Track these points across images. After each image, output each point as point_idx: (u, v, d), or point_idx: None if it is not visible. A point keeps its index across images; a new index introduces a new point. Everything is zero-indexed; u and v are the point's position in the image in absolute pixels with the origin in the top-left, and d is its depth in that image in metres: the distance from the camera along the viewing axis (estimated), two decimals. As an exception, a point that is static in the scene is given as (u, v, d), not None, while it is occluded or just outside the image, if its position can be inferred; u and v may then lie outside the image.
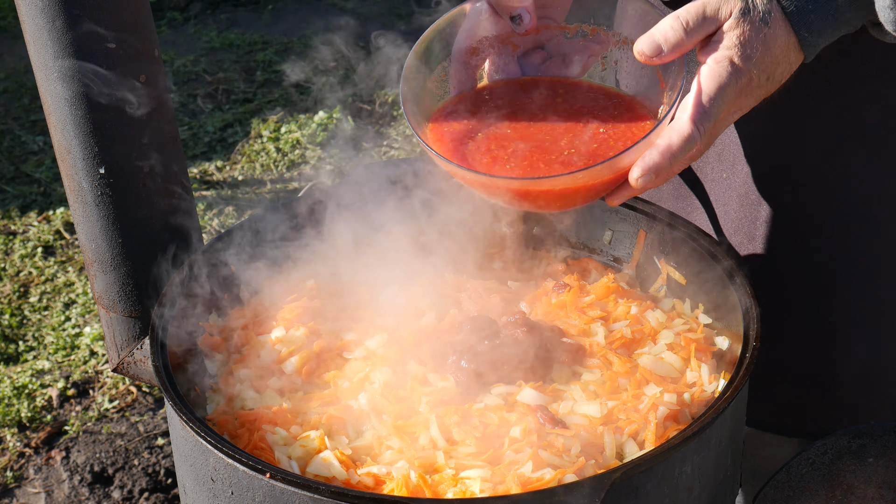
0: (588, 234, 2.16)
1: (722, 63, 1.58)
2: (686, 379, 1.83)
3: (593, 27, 1.84)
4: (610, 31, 1.84)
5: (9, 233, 4.76)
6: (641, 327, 1.93)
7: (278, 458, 1.69)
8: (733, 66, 1.58)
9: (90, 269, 2.02)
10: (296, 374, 1.86)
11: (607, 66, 1.86)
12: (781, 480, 1.81)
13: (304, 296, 2.00)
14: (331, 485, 1.58)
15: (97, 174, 1.91)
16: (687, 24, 1.57)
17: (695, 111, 1.58)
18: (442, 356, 1.85)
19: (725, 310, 1.90)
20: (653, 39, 1.59)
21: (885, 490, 1.79)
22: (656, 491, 1.59)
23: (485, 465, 1.65)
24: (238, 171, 5.17)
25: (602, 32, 1.83)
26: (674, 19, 1.58)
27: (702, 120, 1.58)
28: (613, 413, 1.75)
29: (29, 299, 4.37)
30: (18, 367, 4.02)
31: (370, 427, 1.75)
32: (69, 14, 1.80)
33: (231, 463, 1.59)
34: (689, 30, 1.58)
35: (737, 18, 1.58)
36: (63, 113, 1.88)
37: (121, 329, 2.05)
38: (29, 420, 3.79)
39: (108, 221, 1.95)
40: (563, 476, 1.61)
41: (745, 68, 1.59)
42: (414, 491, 1.60)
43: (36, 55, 1.86)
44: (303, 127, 5.39)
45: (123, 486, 3.55)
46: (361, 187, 2.12)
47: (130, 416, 3.83)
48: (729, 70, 1.58)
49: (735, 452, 1.79)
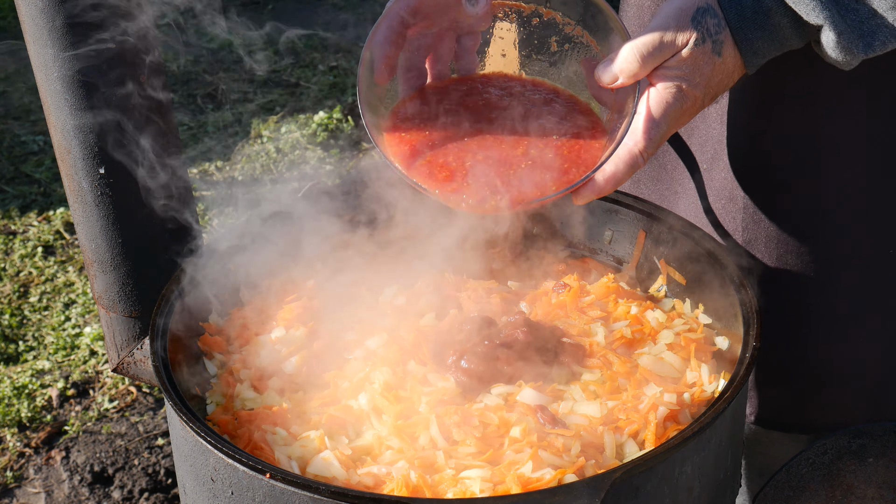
0: (588, 234, 2.16)
1: (670, 89, 1.67)
2: (686, 379, 1.83)
3: (548, 10, 1.82)
4: (566, 18, 1.82)
5: (9, 233, 4.76)
6: (641, 327, 1.93)
7: (278, 458, 1.69)
8: (680, 92, 1.68)
9: (90, 269, 2.02)
10: (296, 374, 1.86)
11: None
12: (781, 480, 1.81)
13: (304, 296, 2.00)
14: (331, 485, 1.58)
15: (97, 174, 1.91)
16: (642, 55, 1.65)
17: (642, 138, 1.68)
18: (442, 356, 1.85)
19: (725, 310, 1.90)
20: (611, 70, 1.68)
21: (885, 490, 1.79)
22: (656, 491, 1.59)
23: (485, 465, 1.65)
24: (238, 171, 5.17)
25: (557, 18, 1.82)
26: (631, 49, 1.66)
27: (647, 147, 1.68)
28: (613, 413, 1.75)
29: (29, 299, 4.37)
30: (18, 367, 4.02)
31: (370, 427, 1.75)
32: (69, 14, 1.80)
33: (231, 463, 1.59)
34: (645, 59, 1.65)
35: (690, 49, 1.66)
36: (63, 113, 1.88)
37: (121, 329, 2.05)
38: (29, 420, 3.79)
39: (108, 221, 1.95)
40: (563, 476, 1.61)
41: (691, 94, 1.68)
42: (414, 491, 1.60)
43: (36, 55, 1.86)
44: (303, 127, 5.39)
45: (123, 486, 3.55)
46: (361, 187, 2.13)
47: (130, 416, 3.83)
48: (676, 96, 1.68)
49: (735, 452, 1.79)
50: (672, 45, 1.66)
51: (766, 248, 1.99)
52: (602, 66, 1.69)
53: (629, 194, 2.12)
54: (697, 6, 1.66)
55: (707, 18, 1.66)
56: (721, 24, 1.66)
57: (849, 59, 1.65)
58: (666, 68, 1.67)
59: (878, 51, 1.64)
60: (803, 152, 1.91)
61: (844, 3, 1.62)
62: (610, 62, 1.68)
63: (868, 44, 1.63)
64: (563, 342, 1.88)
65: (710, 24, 1.66)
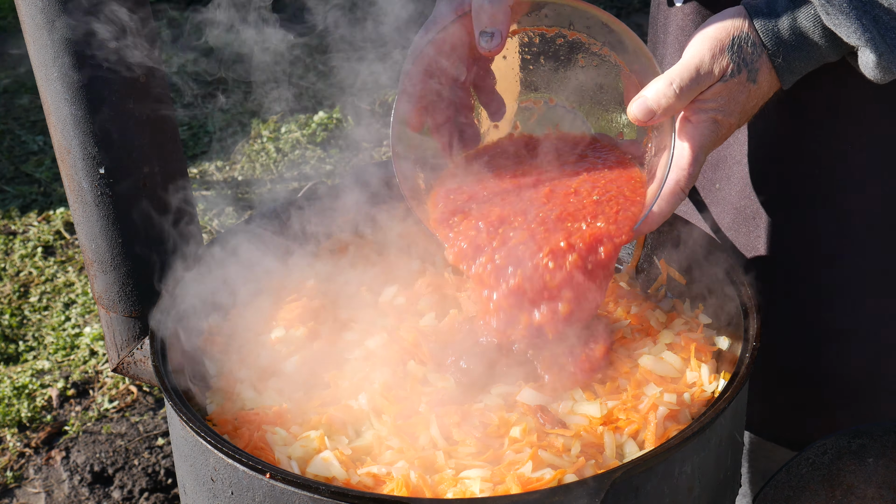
0: (588, 234, 2.16)
1: (706, 122, 1.65)
2: (686, 379, 1.83)
3: (572, 31, 1.80)
4: (591, 38, 1.79)
5: (9, 233, 4.76)
6: (641, 327, 1.93)
7: (278, 458, 1.69)
8: (715, 124, 1.66)
9: (90, 269, 2.02)
10: (296, 374, 1.86)
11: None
12: (781, 480, 1.81)
13: (304, 296, 2.00)
14: (331, 485, 1.58)
15: (97, 174, 1.91)
16: (680, 89, 1.63)
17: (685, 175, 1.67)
18: (442, 356, 1.85)
19: (725, 310, 1.90)
20: (646, 105, 1.65)
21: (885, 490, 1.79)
22: (656, 491, 1.59)
23: (485, 465, 1.65)
24: (238, 171, 5.17)
25: (582, 38, 1.80)
26: (667, 84, 1.63)
27: (689, 182, 1.67)
28: (613, 413, 1.75)
29: (29, 299, 4.37)
30: (18, 367, 4.02)
31: (370, 427, 1.75)
32: (69, 14, 1.80)
33: (231, 463, 1.59)
34: (681, 94, 1.63)
35: (725, 81, 1.63)
36: (63, 113, 1.88)
37: (121, 329, 2.05)
38: (29, 420, 3.79)
39: (108, 221, 1.95)
40: (563, 476, 1.61)
41: (725, 122, 1.66)
42: (414, 491, 1.60)
43: (36, 55, 1.86)
44: (303, 127, 5.39)
45: (123, 486, 3.55)
46: (361, 187, 2.13)
47: (130, 416, 3.83)
48: (711, 128, 1.66)
49: (735, 452, 1.79)
50: (709, 77, 1.63)
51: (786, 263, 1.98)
52: (636, 102, 1.65)
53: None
54: (733, 35, 1.63)
55: (744, 47, 1.63)
56: (758, 52, 1.63)
57: (886, 77, 1.63)
58: (701, 101, 1.65)
59: None
60: (826, 168, 1.90)
61: (885, 22, 1.59)
62: (644, 98, 1.65)
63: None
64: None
65: (747, 54, 1.63)
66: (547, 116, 1.91)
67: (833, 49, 1.64)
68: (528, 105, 1.90)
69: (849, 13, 1.57)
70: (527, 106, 1.90)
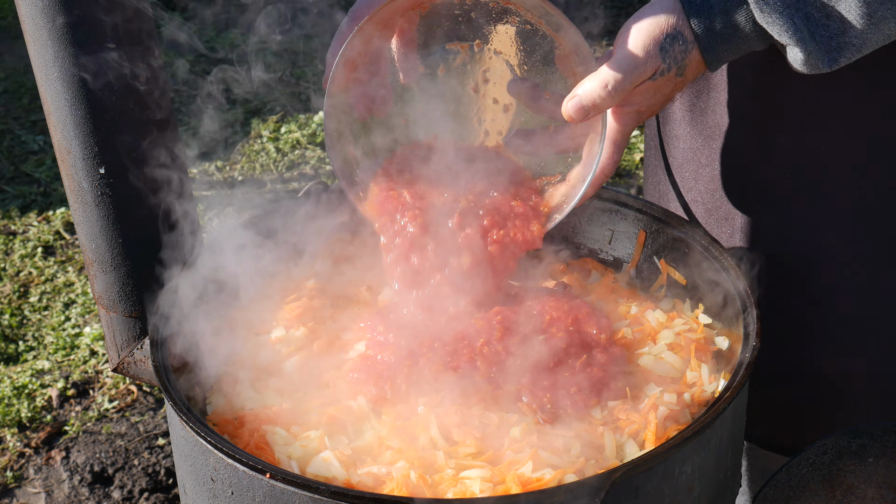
0: (588, 234, 2.16)
1: (630, 115, 1.75)
2: (686, 379, 1.83)
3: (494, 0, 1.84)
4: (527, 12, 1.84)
5: (9, 233, 4.76)
6: (641, 327, 1.93)
7: (278, 458, 1.69)
8: (639, 115, 1.75)
9: (90, 269, 2.02)
10: (296, 374, 1.86)
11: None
12: (781, 480, 1.81)
13: (304, 296, 2.00)
14: (331, 485, 1.58)
15: (97, 174, 1.91)
16: (614, 90, 1.69)
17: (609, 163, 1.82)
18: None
19: (725, 310, 1.90)
20: (580, 104, 1.72)
21: (885, 490, 1.79)
22: (656, 491, 1.59)
23: (485, 465, 1.65)
24: (238, 171, 5.18)
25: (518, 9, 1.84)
26: (601, 85, 1.69)
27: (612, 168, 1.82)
28: (613, 413, 1.75)
29: (29, 299, 4.37)
30: (18, 367, 4.02)
31: (370, 427, 1.75)
32: (69, 14, 1.80)
33: (231, 463, 1.59)
34: (614, 93, 1.69)
35: (655, 80, 1.69)
36: (63, 113, 1.88)
37: (121, 329, 2.05)
38: (29, 420, 3.79)
39: (108, 221, 1.95)
40: (563, 476, 1.61)
41: (647, 112, 1.75)
42: (414, 491, 1.60)
43: (36, 55, 1.86)
44: (303, 127, 5.39)
45: (123, 486, 3.55)
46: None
47: (130, 416, 3.83)
48: (635, 119, 1.76)
49: (735, 452, 1.79)
50: (641, 76, 1.68)
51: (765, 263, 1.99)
52: (570, 101, 1.72)
53: (630, 195, 2.12)
54: (666, 33, 1.66)
55: (675, 46, 1.66)
56: (688, 49, 1.67)
57: (813, 71, 1.66)
58: (630, 96, 1.71)
59: (842, 65, 1.64)
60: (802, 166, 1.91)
61: (815, 19, 1.61)
62: (578, 98, 1.71)
63: (833, 59, 1.63)
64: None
65: (678, 52, 1.67)
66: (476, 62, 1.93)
67: (762, 42, 1.67)
68: (453, 48, 1.92)
69: (782, 11, 1.60)
70: (452, 49, 1.92)
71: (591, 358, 1.80)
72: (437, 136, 1.94)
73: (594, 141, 1.82)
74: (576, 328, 1.84)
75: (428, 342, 1.81)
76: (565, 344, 1.81)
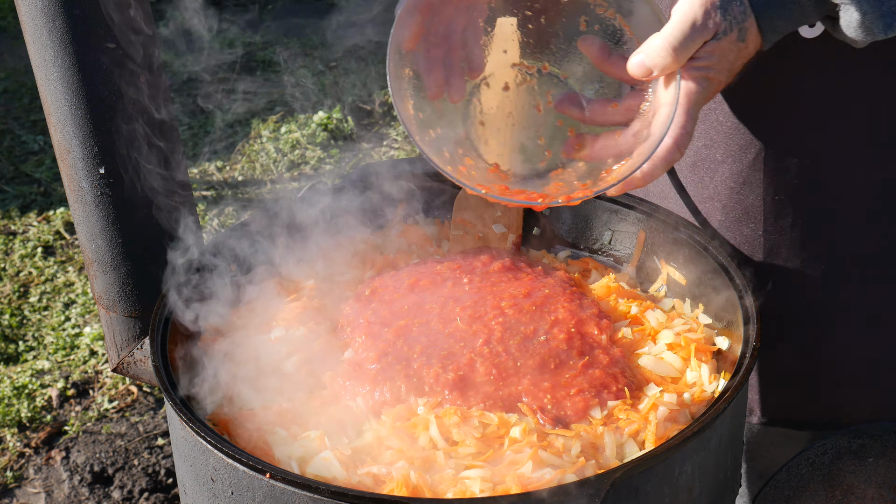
0: (588, 234, 2.16)
1: (698, 80, 1.68)
2: (686, 379, 1.83)
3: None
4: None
5: (9, 233, 4.76)
6: (641, 327, 1.93)
7: (278, 458, 1.69)
8: (707, 81, 1.69)
9: (90, 269, 2.02)
10: (296, 374, 1.86)
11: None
12: (781, 480, 1.81)
13: (304, 296, 2.00)
14: (331, 485, 1.58)
15: (97, 174, 1.91)
16: (675, 48, 1.65)
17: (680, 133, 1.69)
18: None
19: (725, 310, 1.90)
20: (643, 63, 1.69)
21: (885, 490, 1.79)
22: (656, 491, 1.59)
23: (485, 465, 1.65)
24: (238, 171, 5.18)
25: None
26: (663, 43, 1.66)
27: (685, 140, 1.70)
28: (613, 413, 1.75)
29: (29, 299, 4.37)
30: (18, 367, 4.02)
31: (370, 427, 1.75)
32: (69, 14, 1.80)
33: (231, 463, 1.59)
34: (678, 53, 1.66)
35: (718, 39, 1.66)
36: (63, 113, 1.88)
37: (121, 329, 2.05)
38: (29, 420, 3.79)
39: (108, 221, 1.95)
40: (563, 476, 1.61)
41: (716, 80, 1.69)
42: (414, 491, 1.60)
43: (36, 55, 1.86)
44: (303, 127, 5.39)
45: (123, 486, 3.55)
46: (361, 187, 2.12)
47: (130, 416, 3.83)
48: (703, 86, 1.69)
49: (735, 452, 1.79)
50: (702, 36, 1.65)
51: (788, 253, 1.98)
52: (635, 58, 1.69)
53: (630, 195, 2.12)
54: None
55: (733, 5, 1.65)
56: (746, 11, 1.65)
57: (867, 38, 1.64)
58: (695, 59, 1.67)
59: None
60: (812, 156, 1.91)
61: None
62: (641, 55, 1.68)
63: (888, 24, 1.62)
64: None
65: (737, 12, 1.65)
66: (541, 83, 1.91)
67: (816, 8, 1.66)
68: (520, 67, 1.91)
69: None
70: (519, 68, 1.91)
71: (592, 359, 1.80)
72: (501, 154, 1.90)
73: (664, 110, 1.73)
74: (577, 329, 1.84)
75: (420, 349, 1.81)
76: (566, 346, 1.80)
